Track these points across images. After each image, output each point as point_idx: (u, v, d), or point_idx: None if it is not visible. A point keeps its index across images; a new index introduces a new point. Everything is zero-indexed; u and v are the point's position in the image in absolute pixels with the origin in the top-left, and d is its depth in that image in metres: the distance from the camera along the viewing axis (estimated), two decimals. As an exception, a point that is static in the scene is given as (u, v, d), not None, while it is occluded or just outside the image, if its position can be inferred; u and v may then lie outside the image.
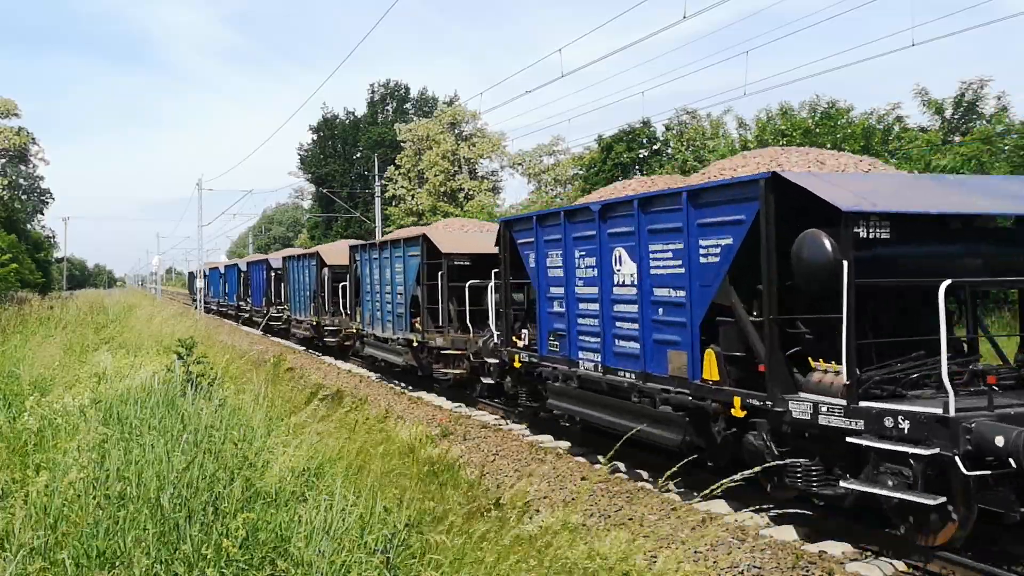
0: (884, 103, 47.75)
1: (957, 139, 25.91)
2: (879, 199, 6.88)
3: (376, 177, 49.68)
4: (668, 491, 9.18)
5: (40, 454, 6.09)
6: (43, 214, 62.86)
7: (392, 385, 18.95)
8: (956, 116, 27.76)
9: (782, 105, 29.95)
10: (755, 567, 6.85)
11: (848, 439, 6.68)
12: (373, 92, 74.99)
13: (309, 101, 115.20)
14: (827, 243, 6.81)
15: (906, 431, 6.27)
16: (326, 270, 22.98)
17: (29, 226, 59.03)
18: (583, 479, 9.71)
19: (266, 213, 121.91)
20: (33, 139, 54.76)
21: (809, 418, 7.00)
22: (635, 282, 9.23)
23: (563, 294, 10.86)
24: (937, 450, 6.06)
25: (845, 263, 6.59)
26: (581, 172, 45.52)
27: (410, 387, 18.28)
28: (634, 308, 9.29)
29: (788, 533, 7.68)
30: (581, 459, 10.80)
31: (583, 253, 10.39)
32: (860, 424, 6.61)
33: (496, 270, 13.36)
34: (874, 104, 59.13)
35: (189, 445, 5.65)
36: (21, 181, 56.27)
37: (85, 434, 5.86)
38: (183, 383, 8.58)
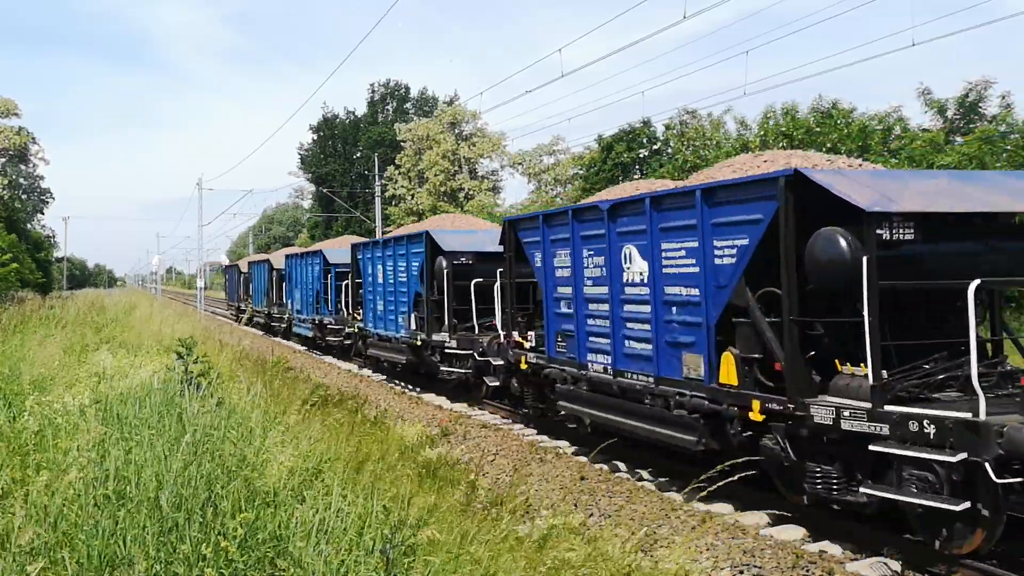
0: (885, 103, 47.78)
1: (958, 139, 25.89)
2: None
3: (376, 177, 49.68)
4: (669, 491, 9.19)
5: (40, 454, 6.08)
6: (43, 214, 62.92)
7: (393, 385, 18.94)
8: (958, 116, 27.75)
9: (785, 105, 29.95)
10: (755, 567, 6.85)
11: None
12: (373, 92, 75.01)
13: (309, 101, 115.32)
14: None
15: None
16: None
17: (29, 226, 59.04)
18: (582, 479, 9.71)
19: (266, 213, 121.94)
20: (33, 139, 54.78)
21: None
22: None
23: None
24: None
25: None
26: (581, 172, 45.52)
27: (415, 388, 18.07)
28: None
29: (788, 533, 7.68)
30: (582, 459, 10.80)
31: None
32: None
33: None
34: (875, 104, 59.17)
35: (188, 445, 5.64)
36: (21, 181, 56.28)
37: (85, 434, 5.86)
38: (183, 383, 8.58)
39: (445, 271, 15.46)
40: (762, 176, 7.72)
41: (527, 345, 12.40)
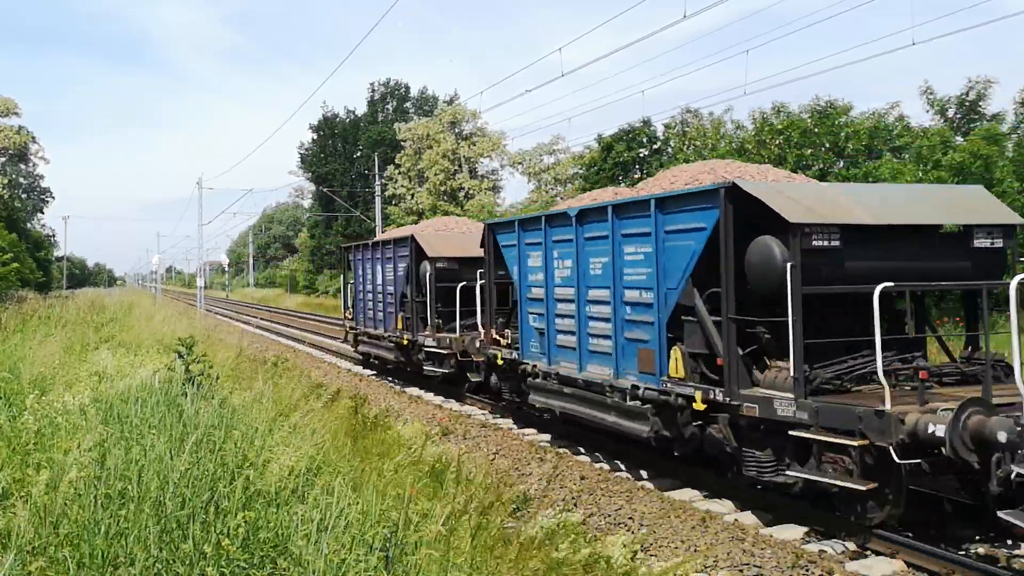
0: (884, 102, 47.78)
1: (959, 139, 25.90)
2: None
3: (376, 176, 49.66)
4: (670, 490, 9.20)
5: (40, 453, 6.09)
6: (43, 213, 62.98)
7: (387, 383, 18.97)
8: (958, 116, 27.75)
9: (775, 104, 29.97)
10: (755, 567, 6.86)
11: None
12: (373, 91, 75.03)
13: (309, 100, 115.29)
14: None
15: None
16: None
17: (29, 225, 59.06)
18: (583, 478, 9.72)
19: (266, 212, 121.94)
20: (33, 138, 54.80)
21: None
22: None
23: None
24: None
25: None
26: (581, 171, 45.53)
27: (402, 383, 18.68)
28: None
29: (788, 533, 7.69)
30: (582, 458, 10.81)
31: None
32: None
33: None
34: (875, 104, 59.15)
35: (189, 444, 5.64)
36: (21, 180, 56.28)
37: (85, 433, 5.86)
38: (184, 382, 8.58)
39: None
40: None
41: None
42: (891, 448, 6.44)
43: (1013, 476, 5.92)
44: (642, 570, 6.26)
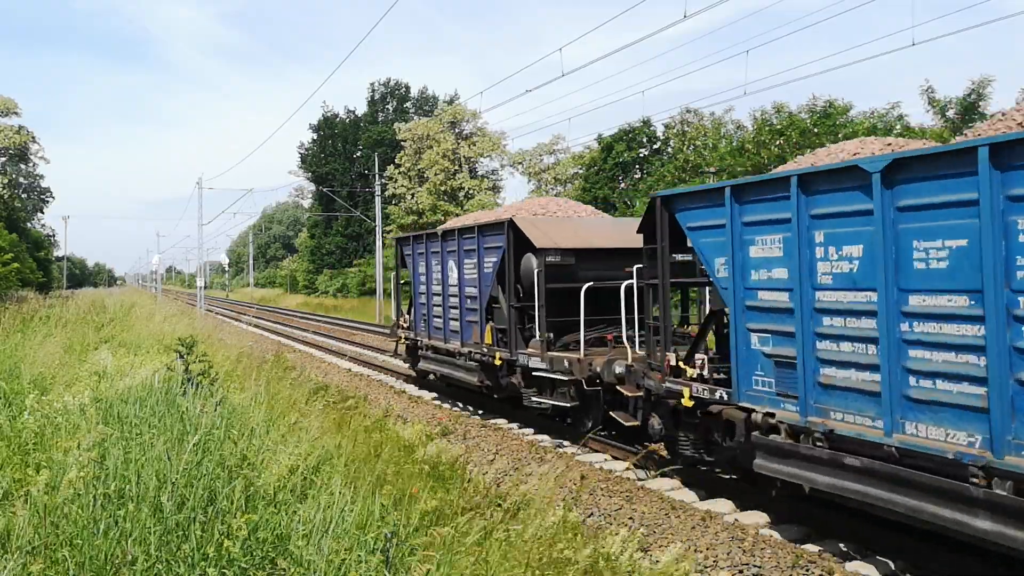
0: (885, 102, 47.75)
1: (958, 139, 25.90)
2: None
3: (376, 176, 49.66)
4: (671, 490, 9.19)
5: (40, 453, 6.09)
6: (43, 213, 63.00)
7: (385, 382, 18.85)
8: (957, 116, 27.76)
9: (775, 104, 30.01)
10: (755, 567, 6.86)
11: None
12: (373, 91, 75.09)
13: (309, 100, 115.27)
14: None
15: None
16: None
17: (29, 225, 59.08)
18: (583, 478, 9.71)
19: (266, 212, 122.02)
20: (33, 138, 54.80)
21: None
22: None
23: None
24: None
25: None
26: (581, 171, 45.53)
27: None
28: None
29: (788, 533, 7.69)
30: (583, 459, 10.81)
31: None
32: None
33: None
34: (875, 103, 59.14)
35: (189, 444, 5.64)
36: (21, 180, 56.31)
37: (85, 433, 5.86)
38: (183, 382, 8.58)
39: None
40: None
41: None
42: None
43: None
44: (643, 565, 6.26)
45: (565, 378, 11.43)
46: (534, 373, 12.16)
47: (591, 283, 11.56)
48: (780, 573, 6.74)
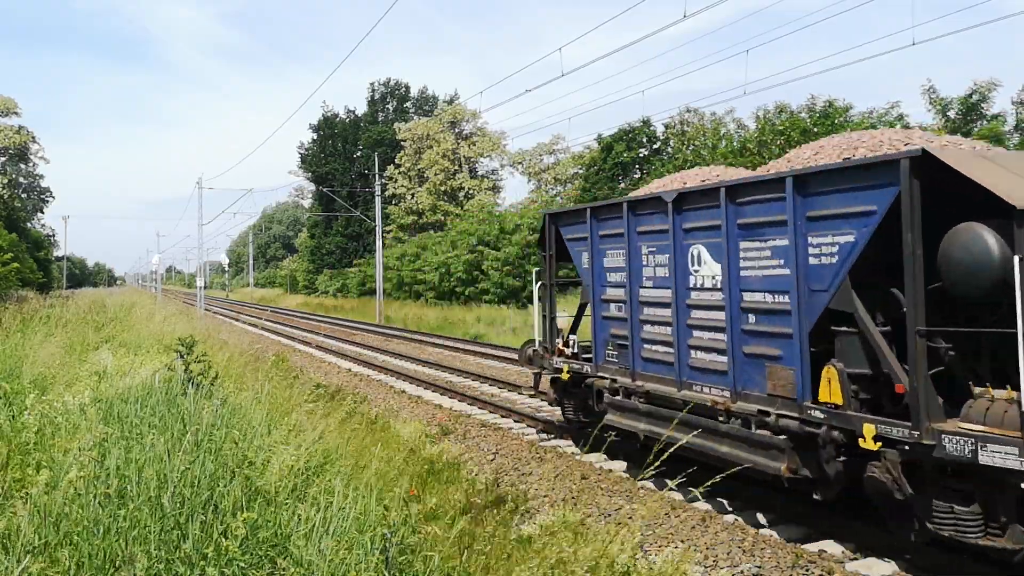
0: (885, 102, 47.78)
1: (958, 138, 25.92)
2: None
3: (376, 176, 49.69)
4: (671, 489, 9.19)
5: (40, 453, 6.09)
6: (43, 213, 63.09)
7: (385, 381, 18.81)
8: (959, 116, 27.76)
9: (778, 104, 30.04)
10: (755, 567, 6.85)
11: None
12: (373, 91, 75.08)
13: (309, 100, 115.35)
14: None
15: None
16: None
17: (29, 225, 59.09)
18: (583, 478, 9.71)
19: (266, 212, 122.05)
20: (33, 138, 54.87)
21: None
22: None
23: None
24: None
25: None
26: (581, 171, 45.53)
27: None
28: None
29: (788, 533, 7.69)
30: (582, 458, 10.80)
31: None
32: None
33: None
34: (875, 103, 59.20)
35: (189, 444, 5.64)
36: (21, 180, 56.34)
37: (85, 433, 5.86)
38: (183, 382, 8.58)
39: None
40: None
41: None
42: None
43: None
44: (643, 564, 6.25)
45: None
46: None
47: None
48: (780, 573, 6.74)
